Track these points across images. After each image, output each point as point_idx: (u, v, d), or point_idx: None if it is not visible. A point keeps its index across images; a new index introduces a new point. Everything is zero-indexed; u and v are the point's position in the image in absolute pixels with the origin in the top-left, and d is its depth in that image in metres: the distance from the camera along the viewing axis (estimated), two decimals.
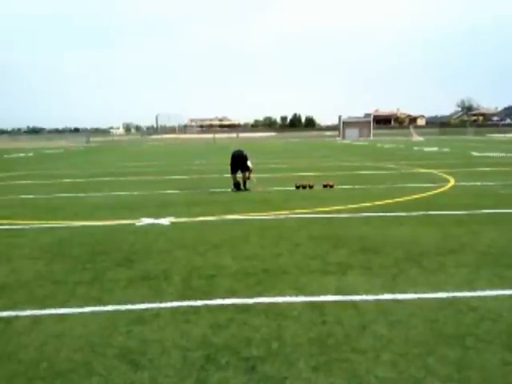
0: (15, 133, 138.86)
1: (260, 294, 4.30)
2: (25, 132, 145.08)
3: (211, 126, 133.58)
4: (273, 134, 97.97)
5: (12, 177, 17.30)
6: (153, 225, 7.58)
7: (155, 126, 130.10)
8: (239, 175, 11.50)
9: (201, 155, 28.92)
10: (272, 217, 8.07)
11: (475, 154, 24.69)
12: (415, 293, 4.26)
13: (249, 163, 11.29)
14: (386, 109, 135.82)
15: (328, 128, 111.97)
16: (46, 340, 3.50)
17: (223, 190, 11.64)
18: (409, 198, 9.83)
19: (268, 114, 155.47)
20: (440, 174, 14.56)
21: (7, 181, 15.81)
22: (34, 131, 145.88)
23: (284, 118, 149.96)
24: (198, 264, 5.30)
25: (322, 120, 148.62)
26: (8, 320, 3.90)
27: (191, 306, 4.06)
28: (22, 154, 36.04)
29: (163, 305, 4.11)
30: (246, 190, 11.34)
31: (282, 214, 8.22)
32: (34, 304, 4.20)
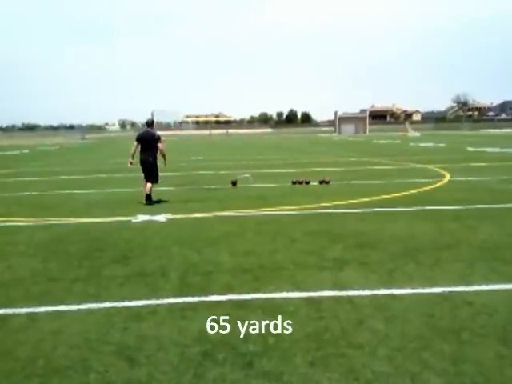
0: (10, 129, 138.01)
1: (257, 290, 4.30)
2: (20, 129, 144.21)
3: (207, 122, 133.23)
4: (269, 130, 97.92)
5: (7, 174, 17.20)
6: (149, 221, 7.56)
7: None
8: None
9: (197, 151, 28.85)
10: (268, 213, 8.07)
11: (471, 149, 24.77)
12: (411, 288, 4.28)
13: (160, 145, 9.51)
14: (381, 104, 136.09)
15: (324, 124, 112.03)
16: (43, 337, 3.49)
17: (219, 186, 11.64)
18: (405, 193, 9.85)
19: (264, 110, 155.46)
20: (436, 169, 14.61)
21: (2, 178, 15.72)
22: (29, 128, 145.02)
23: (280, 114, 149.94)
24: (194, 260, 5.30)
25: (318, 116, 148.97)
26: (4, 317, 3.89)
27: (188, 303, 4.06)
28: (17, 152, 35.83)
29: (160, 301, 4.11)
30: (149, 203, 9.15)
31: (279, 210, 8.23)
32: (30, 301, 4.19)
